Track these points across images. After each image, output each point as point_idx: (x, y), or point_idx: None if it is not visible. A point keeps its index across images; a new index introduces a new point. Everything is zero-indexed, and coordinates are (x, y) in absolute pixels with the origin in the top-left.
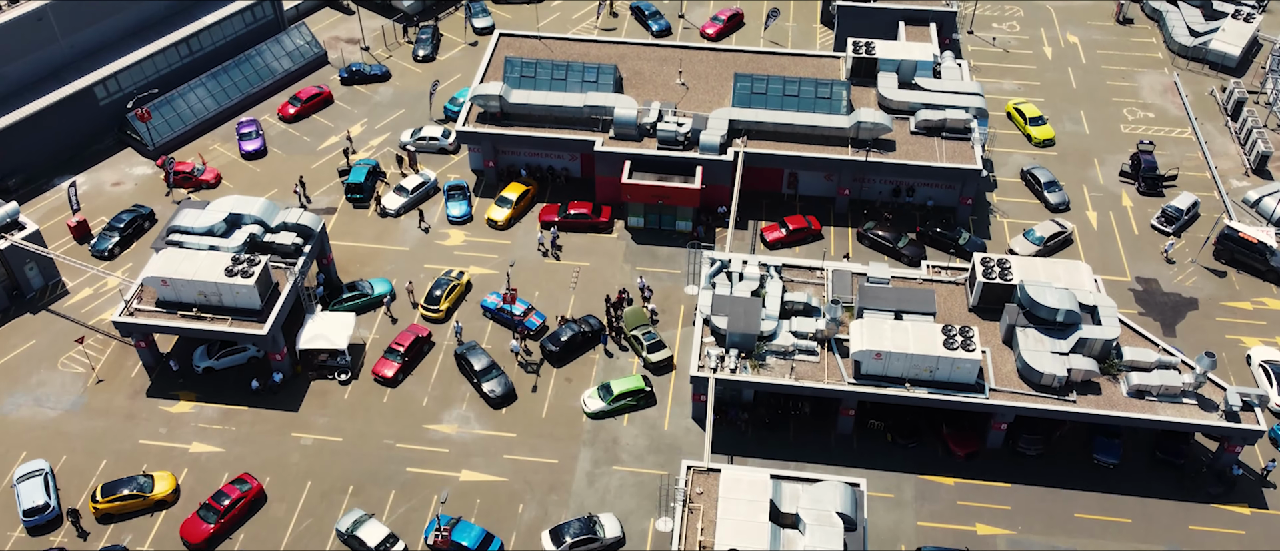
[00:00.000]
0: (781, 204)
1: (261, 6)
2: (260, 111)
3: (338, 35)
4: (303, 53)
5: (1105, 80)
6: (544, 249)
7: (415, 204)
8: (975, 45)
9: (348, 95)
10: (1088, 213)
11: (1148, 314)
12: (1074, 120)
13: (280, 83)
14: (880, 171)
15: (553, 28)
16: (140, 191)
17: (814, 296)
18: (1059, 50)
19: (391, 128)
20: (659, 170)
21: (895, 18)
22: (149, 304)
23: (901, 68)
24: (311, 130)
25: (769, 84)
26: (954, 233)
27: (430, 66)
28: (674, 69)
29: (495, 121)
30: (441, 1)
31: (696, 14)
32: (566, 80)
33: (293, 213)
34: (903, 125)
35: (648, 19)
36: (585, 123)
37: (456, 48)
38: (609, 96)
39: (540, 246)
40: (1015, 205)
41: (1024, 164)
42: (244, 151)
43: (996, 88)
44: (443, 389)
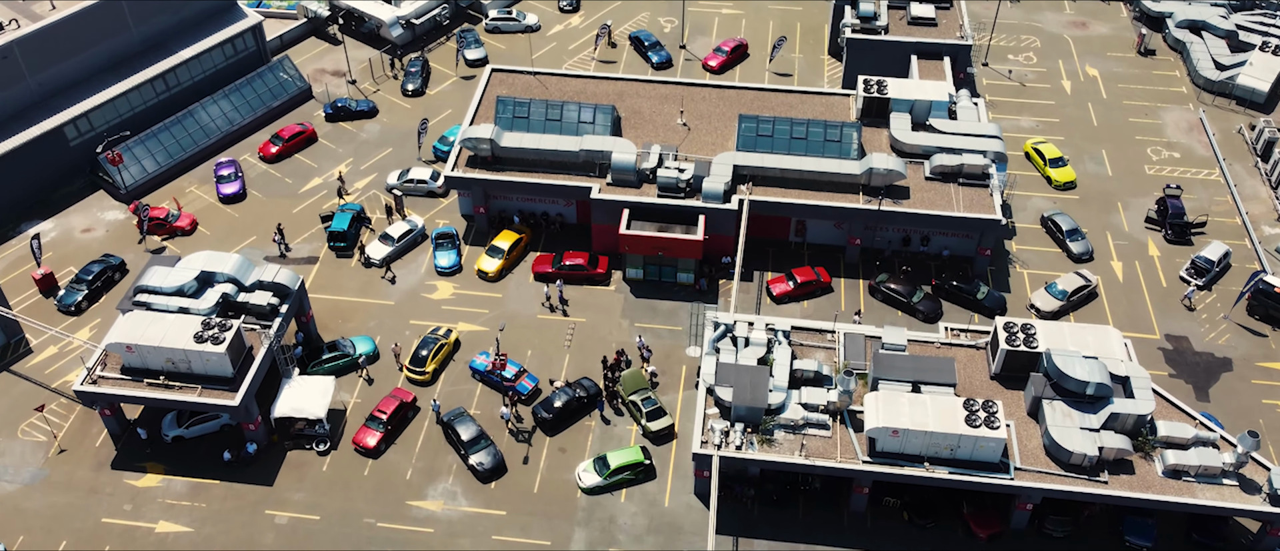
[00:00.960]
0: (789, 253)
1: (243, 39)
2: (240, 151)
3: (323, 67)
4: (285, 87)
5: (1127, 117)
6: (551, 303)
7: (402, 253)
8: (990, 78)
9: (332, 132)
10: (1112, 263)
11: (1178, 376)
12: (1095, 160)
13: (262, 119)
14: (893, 220)
15: (548, 58)
16: (112, 238)
17: (825, 363)
18: (1078, 84)
19: (378, 168)
20: (659, 219)
21: (907, 51)
22: (114, 370)
23: (915, 108)
24: (294, 171)
25: (775, 126)
26: (972, 286)
27: (419, 101)
28: (675, 107)
29: (486, 166)
30: (431, 32)
31: (698, 45)
32: (561, 121)
33: (269, 270)
34: (916, 169)
35: (647, 50)
36: (581, 167)
37: (447, 81)
38: (606, 140)
39: (546, 300)
40: (1035, 254)
41: (1044, 209)
42: (222, 194)
43: (1013, 125)
44: (428, 460)
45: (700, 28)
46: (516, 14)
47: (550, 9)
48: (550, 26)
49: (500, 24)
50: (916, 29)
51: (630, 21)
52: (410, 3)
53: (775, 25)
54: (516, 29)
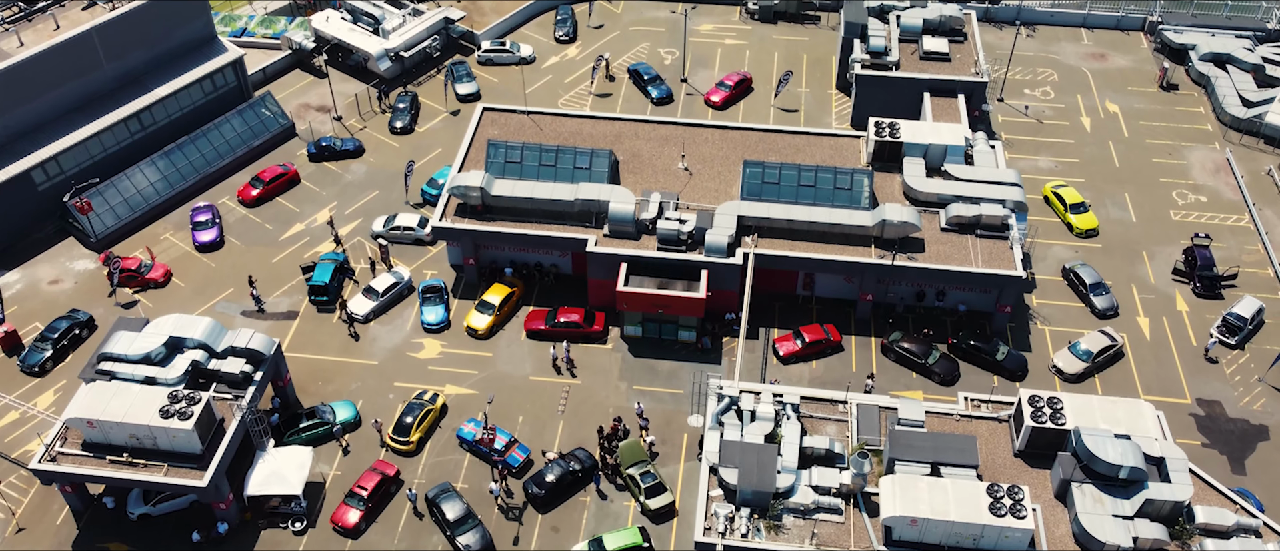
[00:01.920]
0: (796, 307)
1: (223, 74)
2: (219, 193)
3: (308, 102)
4: (267, 125)
5: (1151, 157)
6: (557, 365)
7: (387, 307)
8: (1006, 114)
9: (316, 173)
10: (1138, 318)
11: (1212, 445)
12: (1118, 205)
13: (242, 159)
14: (908, 276)
15: (544, 91)
16: (81, 290)
17: (837, 439)
18: (1098, 121)
19: (364, 212)
20: (659, 273)
21: (919, 88)
22: (74, 446)
23: (929, 152)
24: (275, 216)
25: (782, 172)
26: (991, 345)
27: (407, 140)
28: (676, 150)
29: (476, 215)
30: (421, 64)
31: (700, 78)
32: (556, 167)
33: (242, 334)
34: (931, 219)
35: (647, 84)
36: (577, 216)
37: (437, 117)
38: (603, 188)
39: (553, 361)
40: (1057, 309)
41: (1065, 259)
42: (198, 242)
43: (1032, 165)
44: (412, 540)
45: (702, 59)
46: (510, 45)
47: (545, 39)
48: (545, 58)
49: (493, 56)
50: (929, 64)
51: (629, 53)
52: (399, 35)
53: (781, 57)
54: (510, 61)
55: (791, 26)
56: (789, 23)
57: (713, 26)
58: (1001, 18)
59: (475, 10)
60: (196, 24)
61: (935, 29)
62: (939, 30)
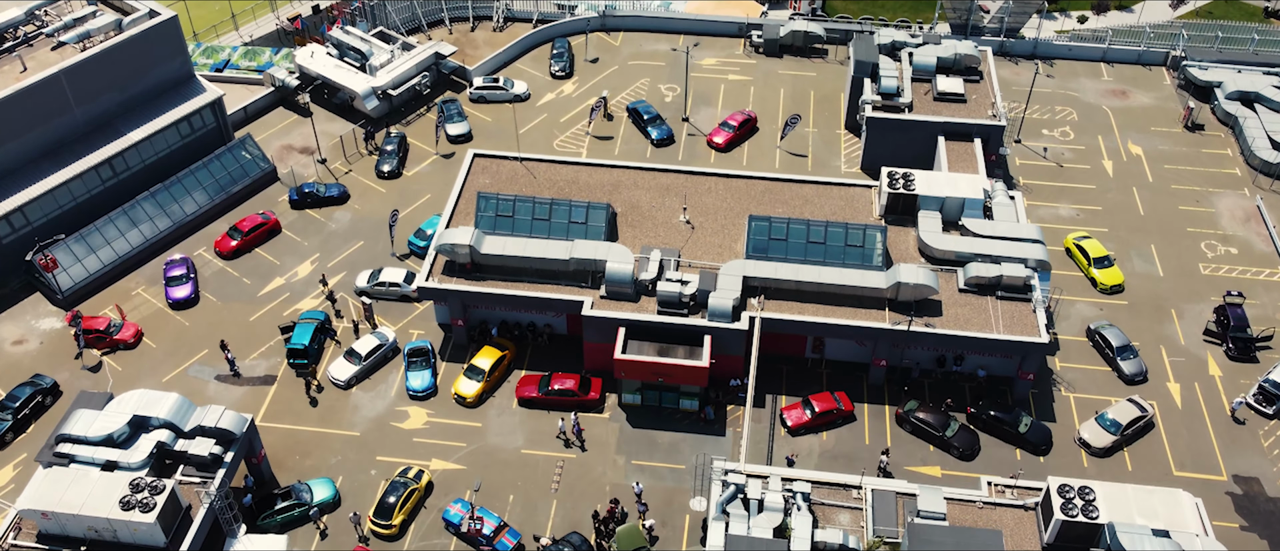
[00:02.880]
0: (805, 371)
1: (201, 115)
2: (196, 244)
3: (291, 143)
4: (247, 170)
5: (1177, 204)
6: (566, 438)
7: (370, 372)
8: (1023, 156)
9: (298, 222)
10: (1168, 384)
11: (1251, 529)
12: (1144, 257)
13: (221, 206)
14: (925, 341)
15: (539, 131)
16: (46, 353)
17: (851, 532)
18: (1121, 164)
19: (347, 265)
20: (660, 338)
21: (933, 132)
22: (29, 538)
23: (946, 205)
24: (253, 268)
25: (790, 228)
26: (1012, 416)
27: (395, 184)
28: (677, 201)
29: (465, 274)
30: (411, 102)
31: (703, 116)
32: (550, 221)
33: (211, 412)
34: (949, 278)
35: (647, 124)
36: (572, 275)
37: (427, 160)
38: (599, 246)
39: (560, 434)
40: (1081, 373)
41: (1089, 317)
42: (172, 298)
43: (1052, 213)
44: None
45: (705, 96)
46: (504, 82)
47: (541, 75)
48: (541, 95)
49: (486, 93)
50: (943, 106)
51: (628, 89)
52: (387, 72)
53: (787, 93)
54: (504, 98)
55: (798, 61)
56: (795, 57)
57: (716, 61)
58: (1017, 52)
59: (468, 42)
60: (173, 63)
61: (949, 67)
62: (953, 69)
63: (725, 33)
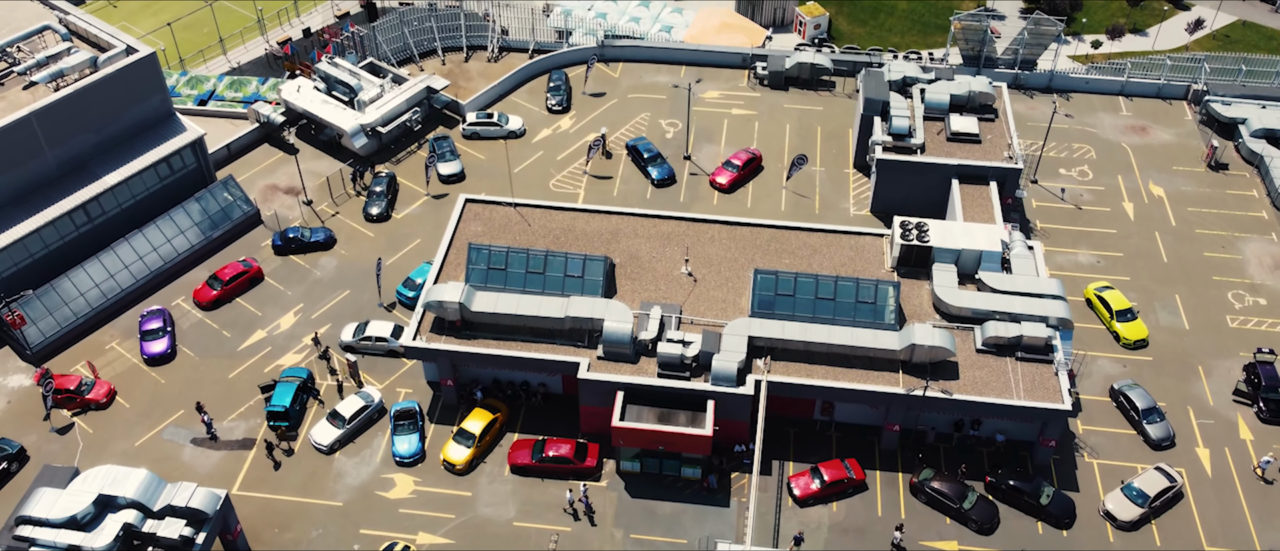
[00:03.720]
0: (814, 434)
1: (181, 156)
2: (174, 293)
3: (275, 183)
4: (229, 213)
5: (1202, 250)
6: (573, 510)
7: (354, 435)
8: (1040, 198)
9: (282, 269)
10: (1197, 449)
11: None
12: (1169, 308)
13: (201, 253)
14: (941, 406)
15: (535, 170)
16: (14, 413)
17: None
18: (1142, 206)
19: (333, 316)
20: (660, 403)
21: (946, 174)
22: None
23: (962, 258)
24: (234, 320)
25: (798, 282)
26: (1033, 486)
27: (384, 228)
28: (678, 251)
29: (455, 331)
30: (401, 139)
31: (706, 154)
32: (544, 275)
33: (182, 490)
34: (965, 335)
35: (647, 163)
36: (568, 334)
37: (417, 202)
38: (597, 303)
39: (568, 506)
40: (1105, 437)
41: (1112, 374)
42: (147, 354)
43: (1071, 260)
44: None
45: (707, 133)
46: (498, 117)
47: (537, 109)
48: (536, 130)
49: (479, 129)
50: (957, 147)
51: (628, 124)
52: (376, 108)
53: (793, 128)
54: (498, 135)
55: (804, 94)
56: (801, 89)
57: (719, 94)
58: (1032, 85)
59: (461, 74)
60: (152, 101)
61: (963, 105)
62: (968, 106)
63: (729, 64)
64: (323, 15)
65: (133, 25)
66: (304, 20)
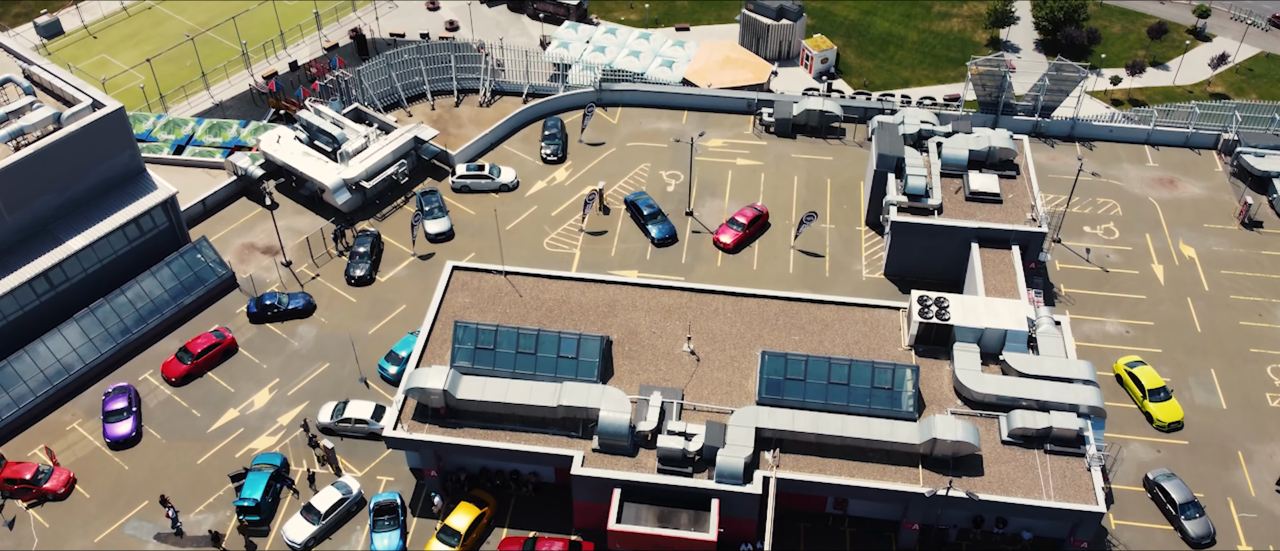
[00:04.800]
0: (826, 529)
1: (151, 216)
2: (142, 366)
3: (253, 242)
4: (203, 277)
5: (1237, 318)
6: None
7: (330, 531)
8: (1064, 259)
9: (257, 338)
10: (1240, 548)
11: None
12: (1204, 385)
13: (172, 321)
14: (964, 504)
15: (528, 226)
16: None
17: None
18: (1172, 269)
19: (310, 393)
20: (661, 500)
21: (965, 238)
22: None
23: (985, 337)
24: (205, 397)
25: (808, 366)
26: None
27: (367, 292)
28: (679, 325)
29: (439, 419)
30: (387, 192)
31: (708, 209)
32: (536, 355)
33: None
34: (989, 423)
35: (647, 220)
36: (561, 423)
37: (403, 263)
38: (592, 391)
39: None
40: (1139, 533)
41: (1145, 461)
42: (110, 436)
43: (1098, 330)
44: None
45: (710, 185)
46: (489, 169)
47: (530, 158)
48: (530, 182)
49: (470, 182)
50: (976, 207)
51: (628, 175)
52: (360, 161)
53: (801, 180)
54: (490, 188)
55: (813, 142)
56: (810, 137)
57: (723, 142)
58: (1053, 133)
59: (451, 120)
60: (120, 158)
61: (983, 161)
62: (987, 162)
63: (733, 110)
64: (310, 47)
65: (113, 57)
66: (291, 52)
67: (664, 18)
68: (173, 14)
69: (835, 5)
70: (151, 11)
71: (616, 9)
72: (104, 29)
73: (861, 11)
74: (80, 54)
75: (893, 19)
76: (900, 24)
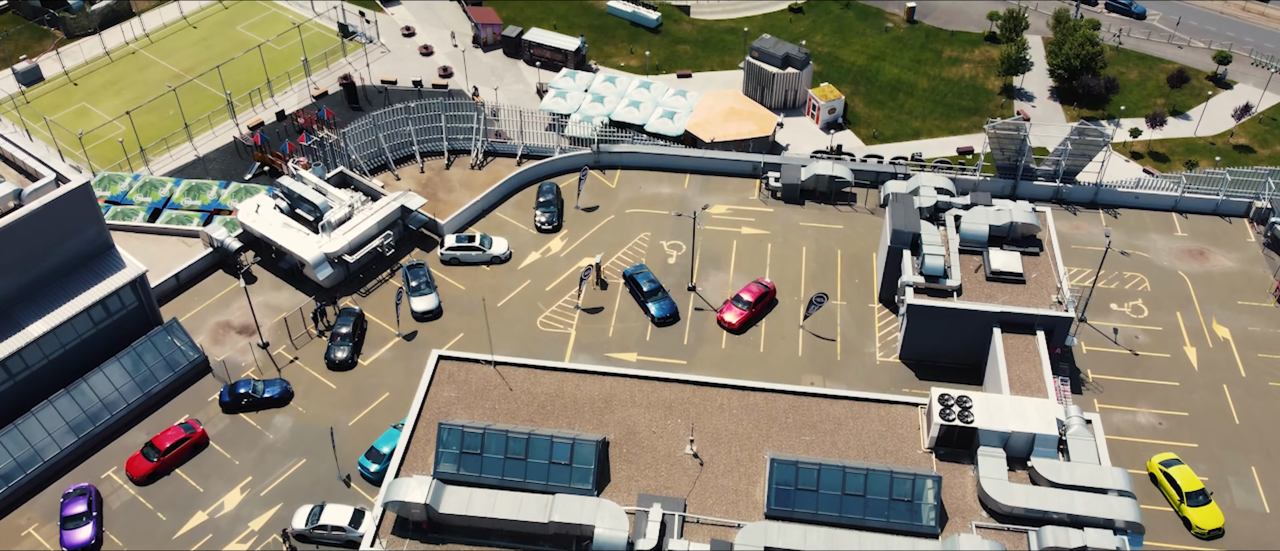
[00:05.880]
0: None
1: (120, 296)
2: (105, 462)
3: (228, 320)
4: (173, 362)
5: (1278, 407)
6: None
7: None
8: (1090, 341)
9: (230, 430)
10: None
11: None
12: (1245, 485)
13: (139, 411)
14: None
15: (522, 302)
16: None
17: None
18: (1206, 351)
19: (283, 493)
20: None
21: (987, 322)
22: None
23: (1011, 441)
24: (171, 498)
25: (821, 474)
26: None
27: (349, 377)
28: (681, 423)
29: (421, 534)
30: (370, 266)
31: (712, 283)
32: (526, 460)
33: None
34: (1017, 537)
35: (646, 297)
36: (552, 539)
37: (387, 344)
38: (586, 504)
39: None
40: None
41: None
42: (68, 544)
43: (1129, 422)
44: None
45: (714, 257)
46: (480, 239)
47: (524, 227)
48: (523, 253)
49: (459, 254)
50: (998, 288)
51: (627, 246)
52: (344, 233)
53: (810, 251)
54: (480, 260)
55: (822, 209)
56: (818, 203)
57: (727, 209)
58: (1076, 199)
59: (441, 183)
60: (86, 235)
61: (1004, 237)
62: (1009, 238)
63: (738, 173)
64: (299, 95)
65: (93, 106)
66: (278, 100)
67: (665, 64)
68: (157, 59)
69: (842, 50)
70: (135, 57)
71: (616, 54)
72: (85, 75)
73: (869, 57)
74: (60, 102)
75: (902, 65)
76: (910, 70)
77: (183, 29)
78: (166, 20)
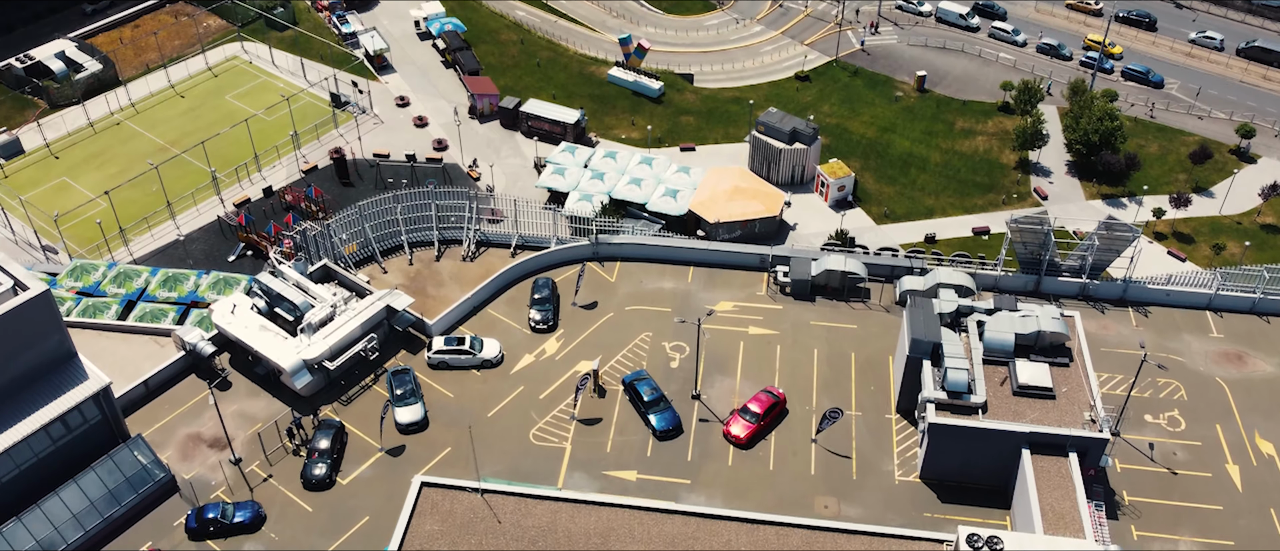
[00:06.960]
0: None
1: (82, 410)
2: None
3: (199, 432)
4: (137, 483)
5: None
6: None
7: None
8: (1124, 457)
9: None
10: None
11: None
12: None
13: (99, 538)
14: None
15: (514, 412)
16: None
17: None
18: (1249, 470)
19: None
20: None
21: (1016, 443)
22: None
23: None
24: None
25: None
26: None
27: (327, 498)
28: None
29: None
30: (353, 371)
31: (719, 391)
32: None
33: None
34: None
35: (647, 408)
36: None
37: (369, 460)
38: None
39: None
40: None
41: None
42: None
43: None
44: None
45: (719, 361)
46: (470, 342)
47: (518, 326)
48: (516, 356)
49: (448, 358)
50: (1026, 404)
51: (627, 347)
52: (324, 337)
53: (822, 354)
54: (470, 364)
55: (834, 306)
56: (830, 300)
57: (733, 306)
58: (1103, 296)
59: (430, 276)
60: (46, 344)
61: (1031, 346)
62: (1037, 348)
63: (745, 265)
64: (287, 169)
65: (73, 180)
66: (266, 175)
67: (668, 136)
68: (142, 130)
69: (851, 121)
70: (120, 128)
71: (617, 125)
72: (67, 148)
73: (879, 128)
74: (39, 177)
75: (913, 137)
76: (921, 143)
77: (170, 98)
78: (153, 89)
